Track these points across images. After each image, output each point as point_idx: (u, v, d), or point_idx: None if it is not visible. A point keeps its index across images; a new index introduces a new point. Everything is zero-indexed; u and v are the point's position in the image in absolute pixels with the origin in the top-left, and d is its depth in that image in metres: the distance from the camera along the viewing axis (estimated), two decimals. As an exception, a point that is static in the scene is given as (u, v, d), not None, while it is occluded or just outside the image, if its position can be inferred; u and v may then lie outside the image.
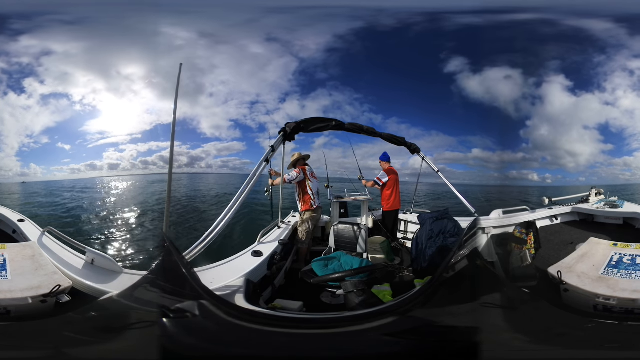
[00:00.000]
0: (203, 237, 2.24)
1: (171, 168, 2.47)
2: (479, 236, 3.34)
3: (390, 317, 1.67)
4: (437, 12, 27.41)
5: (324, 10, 29.74)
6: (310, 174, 4.73)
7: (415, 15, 31.30)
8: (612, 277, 2.37)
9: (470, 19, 21.79)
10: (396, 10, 29.43)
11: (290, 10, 30.00)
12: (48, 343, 1.89)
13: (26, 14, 24.19)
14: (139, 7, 20.86)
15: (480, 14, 17.80)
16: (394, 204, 5.27)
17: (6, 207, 3.55)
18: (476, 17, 19.43)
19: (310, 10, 30.17)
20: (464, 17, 23.44)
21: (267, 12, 30.20)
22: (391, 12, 29.96)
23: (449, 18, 26.89)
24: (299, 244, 4.40)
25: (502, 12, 16.39)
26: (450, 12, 24.70)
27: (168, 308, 1.67)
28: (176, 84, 2.65)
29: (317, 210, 4.64)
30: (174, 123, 2.51)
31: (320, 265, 3.10)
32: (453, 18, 26.26)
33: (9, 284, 2.24)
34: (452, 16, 25.60)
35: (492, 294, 2.01)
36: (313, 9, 29.45)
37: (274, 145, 3.09)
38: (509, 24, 16.32)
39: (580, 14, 20.93)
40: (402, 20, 31.90)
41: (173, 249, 1.89)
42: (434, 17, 29.25)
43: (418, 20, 32.81)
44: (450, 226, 3.78)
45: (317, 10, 29.90)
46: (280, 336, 1.63)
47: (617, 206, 3.99)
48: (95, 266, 2.55)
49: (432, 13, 28.83)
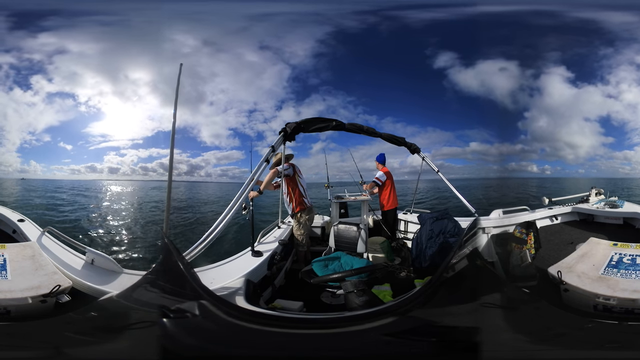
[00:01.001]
0: (203, 237, 2.24)
1: (171, 168, 2.47)
2: (479, 236, 3.34)
3: (390, 317, 1.67)
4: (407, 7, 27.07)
5: (290, 16, 29.67)
6: (299, 171, 4.37)
7: (383, 11, 30.99)
8: (612, 277, 2.37)
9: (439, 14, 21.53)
10: (339, 12, 29.17)
11: (268, 17, 29.88)
12: (48, 343, 1.89)
13: (71, 11, 24.01)
14: (149, 11, 20.88)
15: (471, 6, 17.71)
16: (392, 202, 5.30)
17: (6, 207, 3.54)
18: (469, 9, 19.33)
19: (281, 17, 30.11)
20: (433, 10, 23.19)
21: (252, 19, 30.23)
22: (333, 14, 29.66)
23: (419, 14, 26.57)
24: (298, 247, 4.17)
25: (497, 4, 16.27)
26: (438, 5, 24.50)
27: (168, 308, 1.67)
28: (176, 85, 2.66)
29: (312, 210, 4.33)
30: (174, 123, 2.51)
31: (320, 266, 3.10)
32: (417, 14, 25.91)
33: (9, 284, 2.23)
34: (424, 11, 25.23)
35: (492, 294, 2.01)
36: (283, 15, 29.41)
37: (274, 145, 3.10)
38: (504, 15, 16.25)
39: (597, 6, 20.61)
40: (361, 20, 31.79)
41: (173, 249, 1.90)
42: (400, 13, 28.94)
43: (384, 18, 32.53)
44: (450, 226, 3.78)
45: (285, 16, 29.86)
46: (280, 336, 1.63)
47: (617, 206, 3.99)
48: (95, 266, 2.55)
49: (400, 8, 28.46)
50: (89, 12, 25.83)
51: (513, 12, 17.27)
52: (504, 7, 16.71)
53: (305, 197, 4.25)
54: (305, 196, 4.26)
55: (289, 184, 4.20)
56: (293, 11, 28.61)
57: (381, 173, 5.30)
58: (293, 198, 4.22)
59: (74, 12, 25.22)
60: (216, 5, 27.76)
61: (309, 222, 4.28)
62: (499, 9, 16.37)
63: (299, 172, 4.34)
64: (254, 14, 28.38)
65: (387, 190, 5.28)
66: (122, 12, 24.23)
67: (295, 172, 4.27)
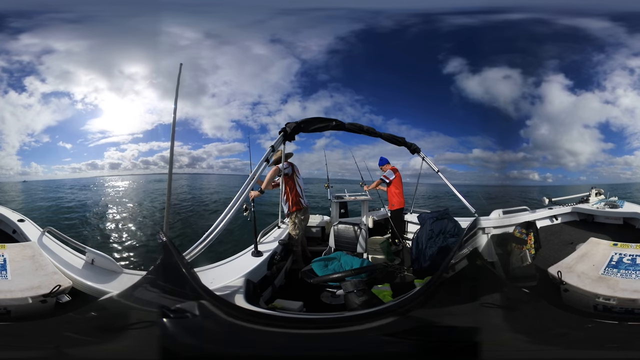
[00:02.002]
0: (203, 237, 2.24)
1: (171, 168, 2.47)
2: (479, 236, 3.34)
3: (390, 317, 1.67)
4: (433, 14, 27.48)
5: (325, 12, 29.82)
6: (297, 170, 4.35)
7: (412, 16, 31.39)
8: (612, 277, 2.37)
9: (465, 19, 21.83)
10: (394, 12, 29.50)
11: (294, 12, 30.03)
12: (48, 343, 1.89)
13: (25, 12, 24.10)
14: (141, 5, 20.85)
15: (476, 15, 17.87)
16: (401, 201, 5.30)
17: (6, 207, 3.54)
18: (472, 18, 19.48)
19: (313, 12, 30.24)
20: (459, 17, 23.50)
21: (275, 13, 30.29)
22: (389, 13, 30.03)
23: (444, 19, 26.94)
24: (293, 247, 4.11)
25: (497, 12, 16.43)
26: (446, 12, 24.77)
27: (168, 308, 1.67)
28: (176, 84, 2.66)
29: (307, 211, 4.31)
30: (174, 123, 2.51)
31: (320, 265, 3.09)
32: (448, 19, 26.29)
33: (9, 284, 2.23)
34: (447, 17, 25.63)
35: (492, 294, 2.01)
36: (316, 10, 29.53)
37: (274, 145, 3.09)
38: (504, 24, 16.38)
39: (575, 13, 20.90)
40: (400, 21, 32.03)
41: (173, 249, 1.89)
42: (429, 18, 29.34)
43: (414, 22, 32.94)
44: (450, 226, 3.78)
45: (319, 12, 29.97)
46: (280, 336, 1.63)
47: (617, 206, 3.99)
48: (95, 266, 2.55)
49: (427, 14, 28.91)
50: (52, 10, 25.80)
51: (518, 20, 17.41)
52: (510, 16, 16.88)
53: (302, 197, 4.24)
54: (302, 197, 4.25)
55: (287, 183, 4.19)
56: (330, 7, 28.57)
57: (389, 171, 5.28)
58: (290, 197, 4.21)
59: (32, 12, 25.11)
60: None
61: (304, 223, 4.26)
62: (507, 17, 16.55)
63: (297, 172, 4.32)
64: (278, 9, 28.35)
65: (397, 189, 5.28)
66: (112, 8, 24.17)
67: (294, 172, 4.25)
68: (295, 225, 4.15)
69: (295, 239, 4.13)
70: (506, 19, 16.77)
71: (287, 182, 4.19)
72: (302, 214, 4.20)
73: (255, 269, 2.87)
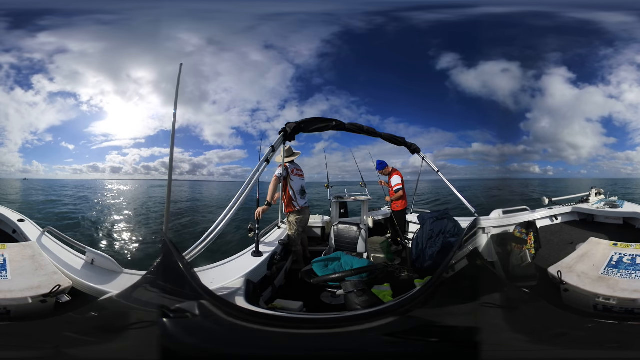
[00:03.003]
0: (203, 237, 2.24)
1: (171, 168, 2.47)
2: (479, 236, 3.34)
3: (390, 317, 1.67)
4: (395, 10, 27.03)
5: (297, 16, 29.72)
6: (292, 171, 4.23)
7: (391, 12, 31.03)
8: (612, 277, 2.37)
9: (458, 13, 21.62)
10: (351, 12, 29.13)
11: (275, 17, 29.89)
12: (48, 343, 1.89)
13: (66, 11, 24.03)
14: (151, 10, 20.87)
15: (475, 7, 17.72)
16: (405, 203, 5.30)
17: (6, 207, 3.54)
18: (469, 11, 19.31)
19: (290, 17, 30.14)
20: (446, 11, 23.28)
21: (260, 19, 30.23)
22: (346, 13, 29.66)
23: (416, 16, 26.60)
24: (292, 248, 4.11)
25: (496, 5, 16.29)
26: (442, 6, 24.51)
27: (168, 308, 1.67)
28: (176, 85, 2.66)
29: (302, 212, 4.18)
30: (174, 123, 2.51)
31: (320, 266, 3.09)
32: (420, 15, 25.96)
33: (9, 284, 2.23)
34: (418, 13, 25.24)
35: (492, 294, 2.01)
36: (292, 15, 29.44)
37: (274, 145, 3.09)
38: (505, 16, 16.25)
39: (594, 7, 20.54)
40: (369, 21, 31.80)
41: (173, 249, 1.90)
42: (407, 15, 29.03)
43: (392, 19, 32.65)
44: (450, 226, 3.79)
45: (294, 16, 29.89)
46: (280, 336, 1.63)
47: (617, 206, 3.98)
48: (95, 266, 2.55)
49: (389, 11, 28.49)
50: (87, 11, 25.83)
51: (514, 13, 17.29)
52: (505, 9, 16.74)
53: (295, 200, 4.17)
54: (295, 199, 4.18)
55: (284, 186, 4.17)
56: (302, 11, 28.58)
57: (397, 177, 5.25)
58: (284, 200, 4.22)
59: (71, 11, 25.18)
60: (224, 4, 27.80)
61: (301, 223, 4.20)
62: (500, 10, 16.40)
63: (292, 174, 4.23)
64: (264, 13, 28.36)
65: (402, 190, 5.29)
66: (123, 11, 24.20)
67: (289, 174, 4.19)
68: (291, 225, 4.14)
69: (293, 238, 4.11)
70: (505, 12, 16.64)
71: (284, 185, 4.17)
72: (296, 215, 4.15)
73: (255, 269, 2.87)
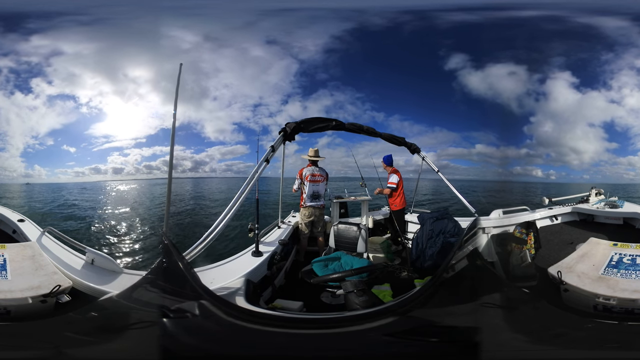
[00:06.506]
0: (203, 237, 2.23)
1: (171, 167, 2.47)
2: (479, 236, 3.34)
3: (390, 317, 1.67)
4: (430, 10, 27.21)
5: (308, 12, 29.66)
6: (306, 177, 4.77)
7: (404, 13, 31.17)
8: (612, 277, 2.37)
9: (468, 16, 21.67)
10: (383, 9, 29.24)
11: (281, 12, 29.84)
12: (48, 343, 1.89)
13: (46, 13, 24.02)
14: (147, 9, 20.87)
15: (480, 11, 17.74)
16: (403, 202, 5.30)
17: (6, 207, 3.54)
18: (476, 15, 19.34)
19: (299, 13, 30.08)
20: (459, 14, 23.34)
21: (262, 14, 30.18)
22: (377, 10, 29.79)
23: (441, 16, 26.70)
24: (299, 235, 4.75)
25: (506, 9, 16.30)
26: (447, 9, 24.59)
27: (168, 308, 1.67)
28: (176, 85, 2.66)
29: (307, 208, 4.74)
30: (174, 122, 2.51)
31: (320, 265, 3.10)
32: (445, 16, 26.04)
33: (9, 284, 2.23)
34: (444, 14, 25.37)
35: (492, 294, 2.01)
36: (301, 10, 29.37)
37: (274, 145, 3.09)
38: (513, 20, 16.26)
39: (595, 11, 20.61)
40: (392, 19, 31.83)
41: (173, 249, 1.89)
42: (426, 14, 29.11)
43: (408, 19, 32.70)
44: (450, 226, 3.79)
45: (305, 12, 29.83)
46: (280, 336, 1.63)
47: (617, 206, 3.98)
48: (95, 266, 2.55)
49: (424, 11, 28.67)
50: (69, 12, 25.86)
51: (523, 17, 17.33)
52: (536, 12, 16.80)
53: (305, 200, 4.77)
54: (306, 199, 4.76)
55: (301, 189, 4.91)
56: (315, 7, 28.50)
57: (396, 178, 5.26)
58: (302, 199, 4.89)
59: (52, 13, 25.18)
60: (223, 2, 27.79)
61: (308, 219, 4.75)
62: (531, 14, 16.47)
63: (306, 180, 4.78)
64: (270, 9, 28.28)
65: (399, 190, 5.29)
66: (116, 10, 24.20)
67: (302, 181, 4.84)
68: (301, 216, 4.81)
69: (300, 230, 4.76)
70: (514, 16, 16.68)
71: (301, 189, 4.94)
72: (302, 210, 4.79)
73: (255, 269, 2.87)
